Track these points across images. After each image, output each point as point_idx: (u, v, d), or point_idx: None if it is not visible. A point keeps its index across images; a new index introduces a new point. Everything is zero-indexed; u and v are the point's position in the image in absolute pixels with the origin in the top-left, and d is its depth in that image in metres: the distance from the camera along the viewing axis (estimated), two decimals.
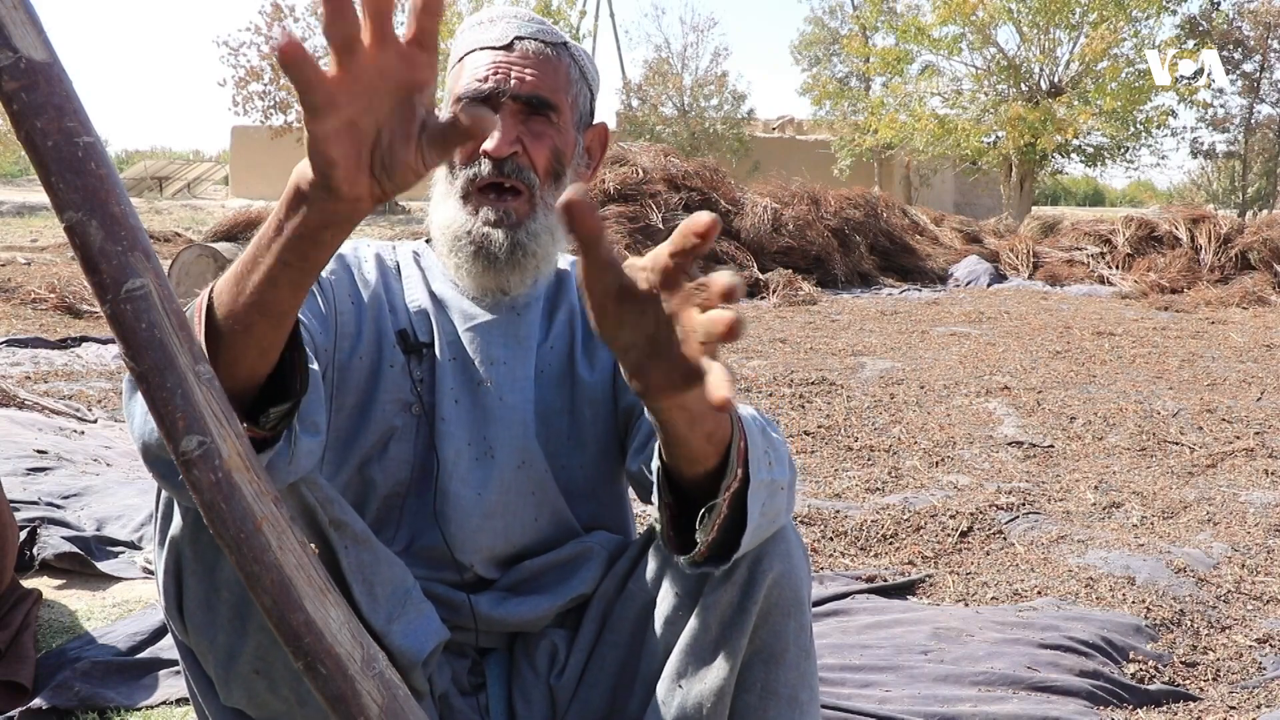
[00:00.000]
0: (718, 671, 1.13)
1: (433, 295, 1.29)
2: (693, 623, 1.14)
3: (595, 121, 1.32)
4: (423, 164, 0.76)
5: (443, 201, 1.25)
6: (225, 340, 0.86)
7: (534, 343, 1.30)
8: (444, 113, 1.23)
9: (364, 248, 1.32)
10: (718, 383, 0.70)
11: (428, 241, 1.38)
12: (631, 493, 1.41)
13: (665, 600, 1.18)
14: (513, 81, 1.20)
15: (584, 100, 1.28)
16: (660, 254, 0.74)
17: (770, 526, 1.07)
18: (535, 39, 1.23)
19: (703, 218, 0.71)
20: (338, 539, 1.10)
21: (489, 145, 1.19)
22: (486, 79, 1.20)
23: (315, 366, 1.04)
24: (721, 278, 0.73)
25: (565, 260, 1.40)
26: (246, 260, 0.84)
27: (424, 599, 1.17)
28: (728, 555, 1.03)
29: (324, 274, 1.23)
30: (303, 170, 0.77)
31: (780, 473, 1.04)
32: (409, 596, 1.15)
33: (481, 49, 1.23)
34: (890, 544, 2.81)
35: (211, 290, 0.88)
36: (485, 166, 1.20)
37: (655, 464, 1.02)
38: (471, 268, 1.23)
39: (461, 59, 1.26)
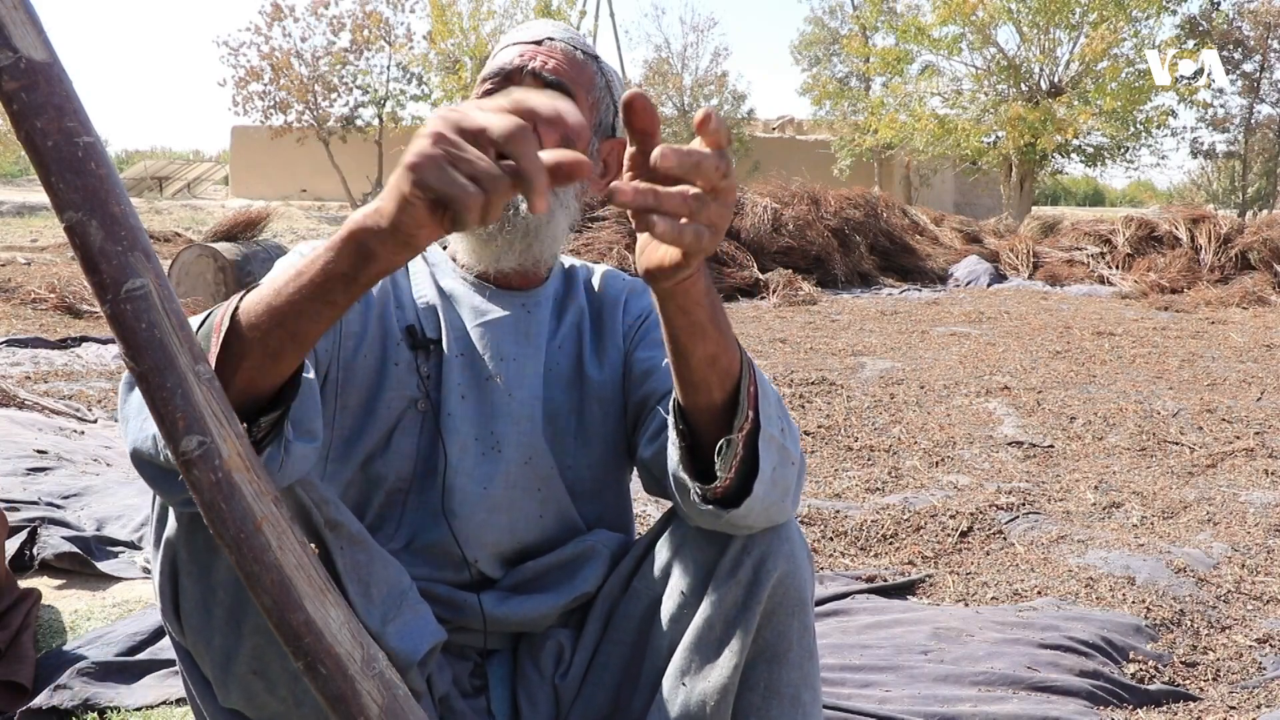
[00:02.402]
0: (721, 670, 1.13)
1: (441, 290, 1.30)
2: (697, 621, 1.15)
3: (619, 137, 1.32)
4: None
5: None
6: (248, 361, 0.89)
7: (543, 340, 1.31)
8: (472, 96, 1.27)
9: None
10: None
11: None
12: (633, 492, 1.41)
13: (670, 598, 1.18)
14: (536, 62, 1.24)
15: (605, 110, 1.31)
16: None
17: (781, 500, 1.09)
18: (567, 42, 1.28)
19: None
20: (333, 539, 1.10)
21: None
22: (512, 61, 1.25)
23: (310, 375, 1.04)
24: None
25: (571, 260, 1.41)
26: (286, 295, 0.86)
27: (420, 600, 1.17)
28: (739, 501, 1.05)
29: None
30: (371, 217, 0.81)
31: (792, 444, 1.08)
32: (405, 597, 1.15)
33: (514, 44, 1.28)
34: (890, 544, 2.81)
35: (235, 312, 0.89)
36: None
37: (672, 399, 1.08)
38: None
39: (495, 55, 1.30)
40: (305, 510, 1.08)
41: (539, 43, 1.27)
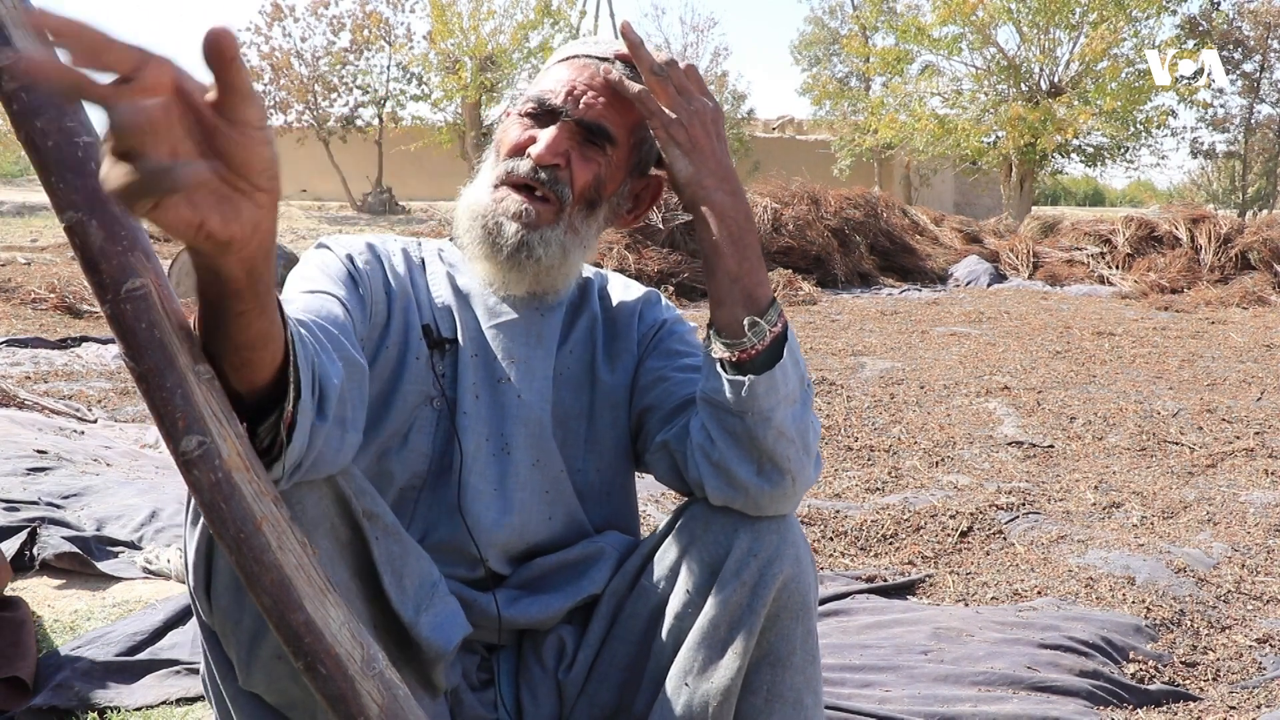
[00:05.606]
0: (725, 672, 1.14)
1: (457, 290, 1.31)
2: (701, 621, 1.15)
3: (654, 173, 1.31)
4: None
5: (477, 184, 1.28)
6: (218, 366, 0.84)
7: (554, 344, 1.32)
8: (515, 110, 1.25)
9: (390, 242, 1.33)
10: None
11: (451, 240, 1.39)
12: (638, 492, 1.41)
13: (676, 597, 1.19)
14: (581, 106, 1.21)
15: (648, 150, 1.28)
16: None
17: (793, 437, 1.14)
18: (627, 70, 1.23)
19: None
20: (370, 529, 1.11)
21: (535, 149, 1.21)
22: (560, 94, 1.21)
23: (364, 362, 1.05)
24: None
25: (589, 270, 1.41)
26: (204, 316, 0.81)
27: (449, 593, 1.19)
28: (760, 370, 1.13)
29: (360, 263, 1.24)
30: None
31: (807, 399, 1.18)
32: (436, 589, 1.16)
33: (578, 56, 1.25)
34: (890, 544, 2.81)
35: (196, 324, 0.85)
36: (524, 166, 1.21)
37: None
38: (477, 250, 1.24)
39: (556, 64, 1.27)
40: (344, 499, 1.09)
41: (602, 60, 1.23)
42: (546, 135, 1.20)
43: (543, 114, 1.22)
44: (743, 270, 1.15)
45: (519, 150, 1.22)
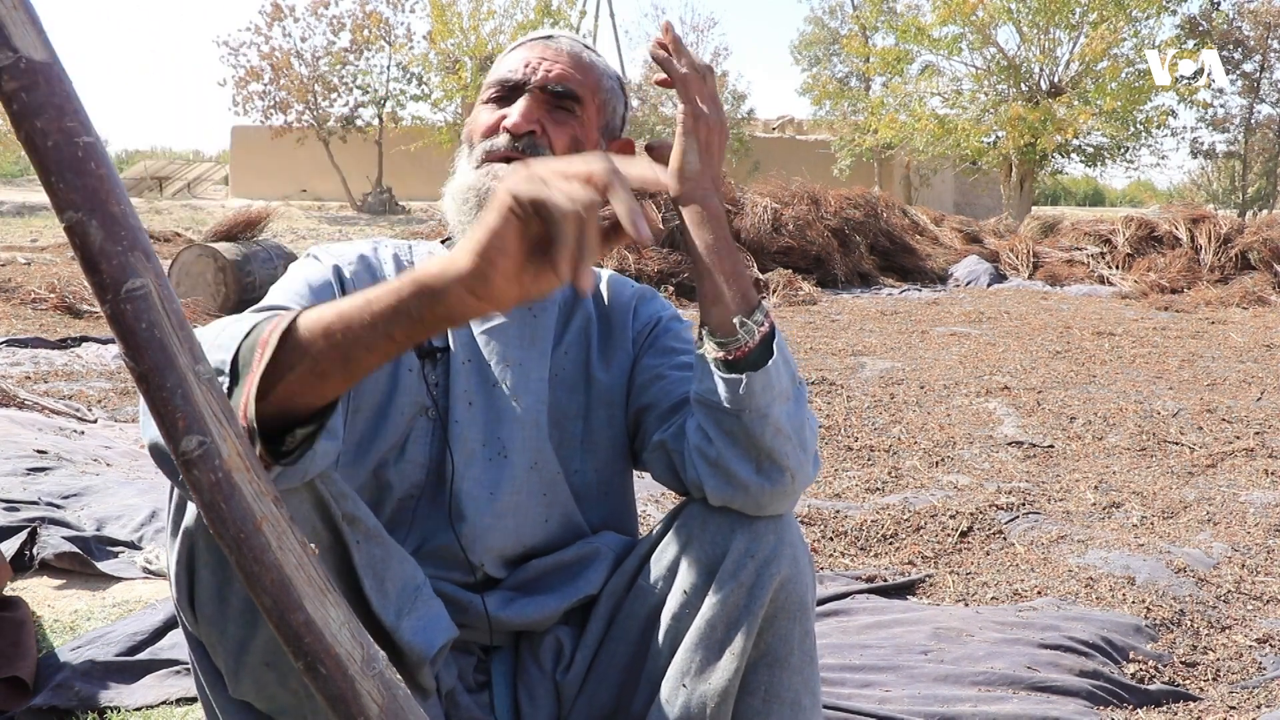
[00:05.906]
0: (722, 673, 1.14)
1: None
2: (699, 621, 1.15)
3: (624, 137, 1.36)
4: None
5: (459, 174, 1.30)
6: (293, 376, 0.87)
7: (549, 345, 1.31)
8: (479, 101, 1.30)
9: (382, 248, 1.33)
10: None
11: (443, 243, 1.39)
12: (636, 492, 1.41)
13: (674, 598, 1.19)
14: (540, 74, 1.26)
15: (612, 111, 1.33)
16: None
17: (790, 433, 1.14)
18: (576, 41, 1.31)
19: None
20: (350, 533, 1.10)
21: (509, 121, 1.24)
22: (518, 70, 1.27)
23: None
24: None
25: None
26: (347, 319, 0.85)
27: (434, 596, 1.18)
28: (754, 368, 1.13)
29: (347, 273, 1.25)
30: (443, 262, 0.81)
31: (800, 395, 1.18)
32: (419, 593, 1.15)
33: (520, 45, 1.31)
34: (890, 544, 2.81)
35: (291, 327, 0.88)
36: (502, 139, 1.25)
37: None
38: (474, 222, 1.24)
39: (509, 52, 1.33)
40: (324, 503, 1.08)
41: (548, 38, 1.29)
42: (517, 106, 1.25)
43: (507, 93, 1.27)
44: (733, 272, 1.17)
45: (493, 130, 1.26)
